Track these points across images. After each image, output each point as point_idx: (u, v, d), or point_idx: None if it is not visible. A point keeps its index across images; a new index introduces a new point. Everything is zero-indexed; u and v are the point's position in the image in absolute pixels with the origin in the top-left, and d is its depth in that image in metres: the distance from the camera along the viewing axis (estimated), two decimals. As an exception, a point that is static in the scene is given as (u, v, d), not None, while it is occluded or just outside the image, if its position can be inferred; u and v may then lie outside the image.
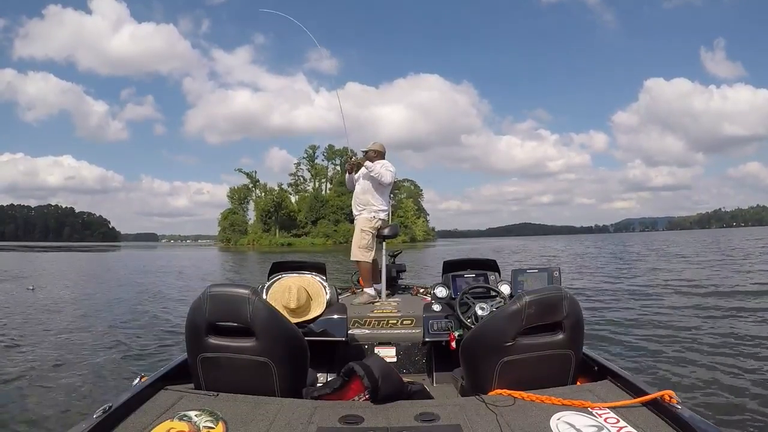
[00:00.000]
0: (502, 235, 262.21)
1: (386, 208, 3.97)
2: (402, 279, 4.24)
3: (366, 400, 1.54)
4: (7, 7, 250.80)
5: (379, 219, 3.89)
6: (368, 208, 3.89)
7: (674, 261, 18.58)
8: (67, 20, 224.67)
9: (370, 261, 3.79)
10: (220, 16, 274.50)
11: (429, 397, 1.73)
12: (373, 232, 3.84)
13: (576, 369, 1.72)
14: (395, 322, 3.03)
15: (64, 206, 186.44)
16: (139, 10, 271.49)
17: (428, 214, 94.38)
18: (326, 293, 2.29)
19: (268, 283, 2.28)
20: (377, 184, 3.90)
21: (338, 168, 75.19)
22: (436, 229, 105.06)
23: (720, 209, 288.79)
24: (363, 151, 4.04)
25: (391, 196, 4.51)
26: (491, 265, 3.14)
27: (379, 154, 4.01)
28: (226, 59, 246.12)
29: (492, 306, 2.56)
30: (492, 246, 47.26)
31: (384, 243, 3.72)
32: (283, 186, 77.87)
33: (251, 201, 76.38)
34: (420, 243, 70.02)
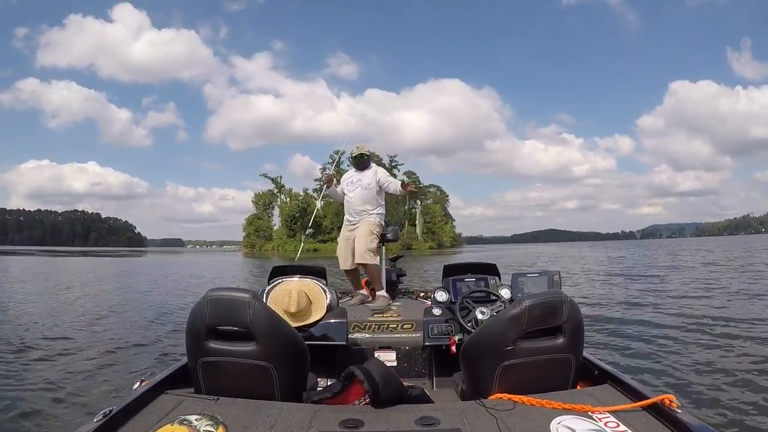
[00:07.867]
0: (528, 242, 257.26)
1: (384, 211, 3.93)
2: (402, 283, 4.23)
3: (366, 404, 1.55)
4: (29, 17, 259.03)
5: (383, 222, 3.86)
6: (374, 211, 3.82)
7: (680, 267, 18.20)
8: (88, 29, 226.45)
9: (378, 264, 3.75)
10: (238, 23, 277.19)
11: (429, 401, 1.73)
12: (379, 235, 3.78)
13: (576, 373, 1.70)
14: (395, 326, 3.03)
15: (90, 212, 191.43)
16: (159, 18, 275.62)
17: (455, 220, 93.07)
18: (326, 297, 2.29)
19: (269, 287, 2.29)
20: (379, 189, 3.84)
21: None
22: (462, 235, 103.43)
23: (749, 215, 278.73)
24: (354, 156, 3.93)
25: None
26: (491, 269, 3.12)
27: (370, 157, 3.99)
28: (246, 65, 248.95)
29: (492, 310, 2.58)
30: (528, 252, 45.82)
31: (384, 246, 3.71)
32: (308, 191, 76.90)
33: (276, 206, 76.27)
34: (448, 249, 68.76)
